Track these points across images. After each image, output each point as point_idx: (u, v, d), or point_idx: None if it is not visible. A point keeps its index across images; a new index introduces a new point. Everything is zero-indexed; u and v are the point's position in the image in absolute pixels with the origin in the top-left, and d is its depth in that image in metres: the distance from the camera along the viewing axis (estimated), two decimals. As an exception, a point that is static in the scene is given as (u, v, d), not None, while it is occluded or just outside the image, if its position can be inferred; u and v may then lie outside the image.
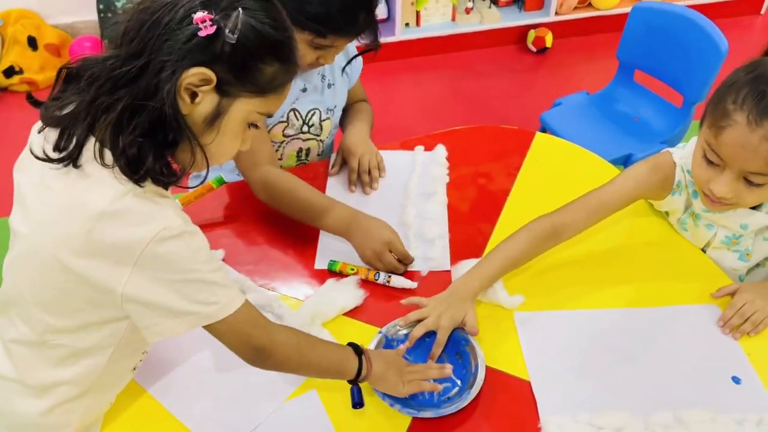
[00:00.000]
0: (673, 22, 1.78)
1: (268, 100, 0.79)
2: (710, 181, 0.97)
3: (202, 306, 0.77)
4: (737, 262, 1.11)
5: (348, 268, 1.11)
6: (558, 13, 2.97)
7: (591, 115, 2.01)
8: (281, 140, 1.33)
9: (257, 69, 0.76)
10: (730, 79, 0.95)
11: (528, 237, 1.08)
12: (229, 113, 0.77)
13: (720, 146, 0.93)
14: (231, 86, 0.75)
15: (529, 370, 0.97)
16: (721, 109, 0.93)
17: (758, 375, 0.95)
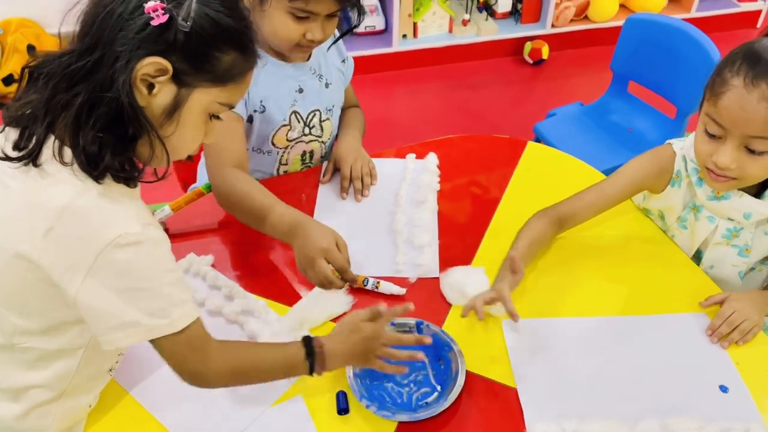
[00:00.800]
0: (666, 34, 1.80)
1: (227, 89, 0.78)
2: (713, 154, 0.99)
3: (152, 318, 0.75)
4: (737, 258, 1.11)
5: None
6: (554, 26, 2.99)
7: (585, 126, 2.02)
8: (286, 145, 1.33)
9: (214, 58, 0.75)
10: (726, 57, 0.98)
11: (539, 223, 1.12)
12: (188, 104, 0.76)
13: (720, 112, 0.95)
14: (188, 76, 0.74)
15: (515, 377, 0.96)
16: (719, 80, 0.96)
17: (746, 384, 0.95)
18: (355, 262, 1.14)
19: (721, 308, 1.03)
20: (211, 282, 1.11)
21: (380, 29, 2.91)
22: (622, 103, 2.03)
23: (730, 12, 3.15)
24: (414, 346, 0.95)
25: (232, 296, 1.09)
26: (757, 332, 1.01)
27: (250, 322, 1.04)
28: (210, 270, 1.13)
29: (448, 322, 1.05)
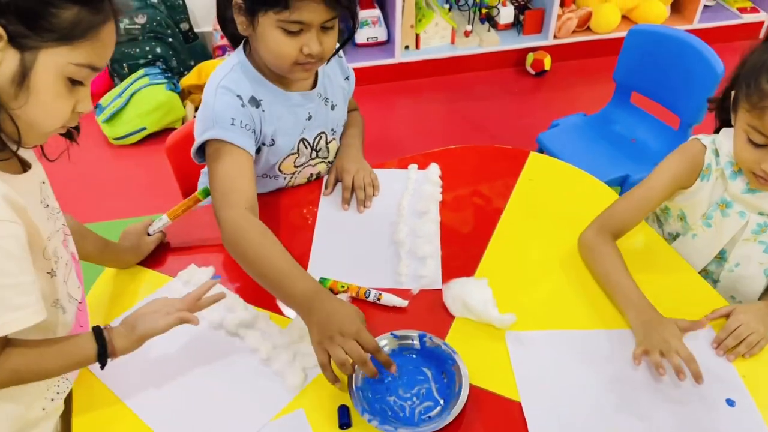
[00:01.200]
0: (668, 44, 1.80)
1: (79, 48, 0.73)
2: (761, 161, 0.99)
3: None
4: (763, 255, 1.10)
5: (339, 285, 1.10)
6: (557, 37, 3.00)
7: (588, 137, 2.02)
8: (293, 171, 1.31)
9: (50, 14, 0.70)
10: (757, 61, 0.98)
11: (614, 248, 1.11)
12: (36, 69, 0.71)
13: (766, 124, 0.96)
14: (26, 38, 0.69)
15: (520, 391, 0.95)
16: (757, 90, 0.96)
17: (753, 398, 0.93)
18: (356, 274, 1.13)
19: (727, 321, 1.01)
20: (212, 294, 1.10)
21: (383, 40, 2.92)
22: (625, 113, 2.02)
23: (732, 23, 3.16)
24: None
25: (233, 308, 1.08)
26: (764, 345, 0.99)
27: (251, 334, 1.03)
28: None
29: (451, 334, 1.03)
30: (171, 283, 1.13)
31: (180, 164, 1.51)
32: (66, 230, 0.94)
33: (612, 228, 1.14)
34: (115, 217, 2.24)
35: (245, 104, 1.15)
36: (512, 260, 1.17)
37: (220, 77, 1.16)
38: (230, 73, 1.17)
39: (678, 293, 1.10)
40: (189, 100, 2.73)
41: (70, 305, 0.92)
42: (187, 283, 1.12)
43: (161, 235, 1.20)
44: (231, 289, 1.11)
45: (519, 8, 3.01)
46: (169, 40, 2.75)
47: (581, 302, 1.09)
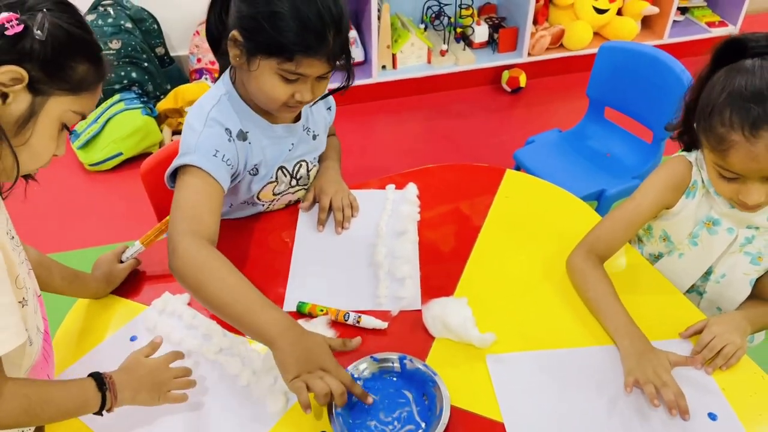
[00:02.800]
0: (638, 60, 1.83)
1: (81, 99, 0.81)
2: (738, 193, 0.99)
3: None
4: (749, 266, 1.10)
5: (317, 309, 1.09)
6: (531, 54, 3.04)
7: (563, 152, 2.04)
8: (272, 199, 1.30)
9: (69, 67, 0.78)
10: (705, 103, 0.98)
11: (601, 272, 1.11)
12: (42, 112, 0.78)
13: (732, 165, 0.96)
14: (43, 84, 0.76)
15: (502, 411, 0.94)
16: (714, 135, 0.96)
17: (734, 410, 0.94)
18: (335, 296, 1.12)
19: (701, 335, 1.01)
20: (188, 321, 1.09)
21: (360, 61, 2.93)
22: (599, 128, 2.05)
23: (701, 37, 3.23)
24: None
25: (210, 335, 1.06)
26: (741, 355, 0.99)
27: (230, 361, 1.02)
28: (186, 309, 1.11)
29: (432, 355, 1.03)
30: (146, 312, 1.11)
31: (156, 189, 1.49)
32: (28, 264, 0.94)
33: (600, 250, 1.13)
34: (92, 244, 2.21)
35: (232, 138, 1.14)
36: (491, 278, 1.16)
37: (209, 107, 1.14)
38: (218, 105, 1.15)
39: (661, 313, 1.10)
40: (166, 124, 2.71)
41: (37, 337, 0.91)
42: (162, 311, 1.10)
43: (134, 262, 1.18)
44: (207, 315, 1.09)
45: (493, 27, 3.05)
46: (145, 65, 2.74)
47: (560, 320, 1.09)
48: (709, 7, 3.38)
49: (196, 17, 2.89)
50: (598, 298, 1.08)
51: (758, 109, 0.90)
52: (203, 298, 0.97)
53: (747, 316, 1.06)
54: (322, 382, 0.88)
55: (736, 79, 0.94)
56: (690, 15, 3.35)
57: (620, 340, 1.02)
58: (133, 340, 1.07)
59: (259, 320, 0.92)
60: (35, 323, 0.91)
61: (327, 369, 0.90)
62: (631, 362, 0.98)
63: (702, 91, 1.00)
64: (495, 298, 1.13)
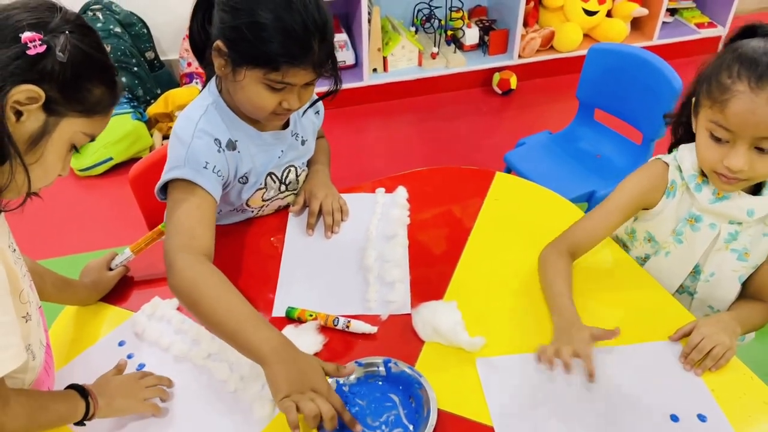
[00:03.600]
0: (627, 62, 1.83)
1: (94, 121, 0.82)
2: (723, 158, 1.00)
3: None
4: (736, 263, 1.11)
5: (307, 314, 1.09)
6: (521, 56, 3.04)
7: (554, 154, 2.04)
8: (261, 205, 1.30)
9: (86, 89, 0.79)
10: (714, 63, 1.01)
11: (565, 264, 1.12)
12: (55, 133, 0.78)
13: (729, 118, 0.97)
14: (59, 105, 0.77)
15: (492, 415, 0.94)
16: (718, 86, 0.98)
17: (723, 412, 0.94)
18: (325, 301, 1.12)
19: (690, 337, 1.02)
20: (177, 326, 1.08)
21: (351, 64, 2.93)
22: (590, 130, 2.05)
23: (690, 39, 3.24)
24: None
25: (198, 340, 1.05)
26: (730, 357, 1.00)
27: (218, 366, 1.01)
28: (175, 314, 1.10)
29: (422, 359, 1.02)
30: (135, 317, 1.10)
31: (145, 194, 1.48)
32: (29, 277, 0.94)
33: (571, 247, 1.15)
34: (81, 250, 2.19)
35: (222, 149, 1.13)
36: (481, 281, 1.16)
37: (197, 118, 1.13)
38: (206, 115, 1.13)
39: (650, 315, 1.10)
40: (156, 128, 2.70)
41: (39, 351, 0.92)
42: (150, 316, 1.10)
43: (123, 269, 1.17)
44: (195, 320, 1.08)
45: (484, 29, 3.06)
46: (135, 69, 2.73)
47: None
48: (698, 8, 3.40)
49: (185, 21, 2.86)
50: (550, 283, 1.10)
51: (766, 63, 0.94)
52: (199, 315, 0.97)
53: (736, 317, 1.07)
54: (313, 403, 0.85)
55: (748, 44, 0.98)
56: (679, 16, 3.37)
57: (554, 317, 1.05)
58: (122, 345, 1.06)
59: (251, 338, 0.91)
60: (38, 337, 0.91)
61: (319, 391, 0.87)
62: (556, 335, 1.01)
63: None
64: (485, 301, 1.12)
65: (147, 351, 1.05)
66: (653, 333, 1.06)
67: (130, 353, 1.05)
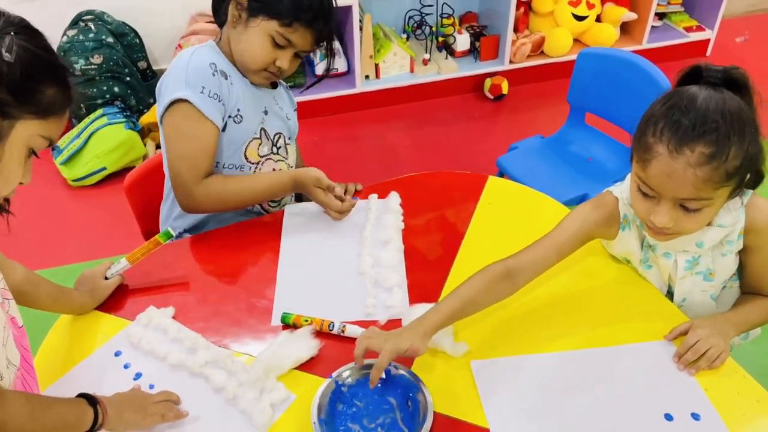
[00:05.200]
0: (617, 66, 1.85)
1: (49, 123, 0.80)
2: (650, 213, 0.99)
3: None
4: (704, 283, 1.11)
5: (302, 320, 1.09)
6: (512, 62, 3.06)
7: (546, 158, 2.05)
8: (258, 160, 1.36)
9: (38, 91, 0.77)
10: (648, 113, 0.99)
11: (482, 279, 1.06)
12: (10, 137, 0.76)
13: (649, 178, 0.96)
14: (11, 107, 0.75)
15: (488, 417, 0.94)
16: (643, 143, 0.96)
17: (717, 411, 0.94)
18: (324, 308, 1.12)
19: (686, 338, 1.02)
20: (173, 335, 1.08)
21: (343, 71, 2.94)
22: (581, 134, 2.07)
23: (679, 42, 3.28)
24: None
25: (195, 348, 1.05)
26: (725, 358, 1.00)
27: (216, 374, 1.01)
28: (172, 322, 1.10)
29: (418, 362, 1.03)
30: (130, 327, 1.10)
31: (140, 203, 1.49)
32: (6, 294, 0.93)
33: (510, 268, 1.07)
34: (76, 260, 2.19)
35: (216, 72, 1.24)
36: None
37: (192, 50, 1.27)
38: (201, 48, 1.28)
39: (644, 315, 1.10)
40: (149, 138, 2.70)
41: (8, 371, 0.90)
42: (146, 326, 1.10)
43: (119, 279, 1.17)
44: (193, 329, 1.09)
45: (474, 35, 3.08)
46: (127, 79, 2.73)
47: (544, 325, 1.09)
48: (686, 12, 3.43)
49: (177, 31, 2.89)
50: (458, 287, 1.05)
51: (687, 127, 0.91)
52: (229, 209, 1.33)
53: (730, 318, 1.07)
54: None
55: (684, 94, 0.95)
56: (668, 20, 3.40)
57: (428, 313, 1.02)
58: (118, 355, 1.06)
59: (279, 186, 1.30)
60: (5, 355, 0.89)
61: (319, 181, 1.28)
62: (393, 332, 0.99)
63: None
64: (480, 304, 1.13)
65: (143, 360, 1.05)
66: (647, 333, 1.06)
67: (127, 363, 1.05)
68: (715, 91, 0.94)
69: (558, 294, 1.15)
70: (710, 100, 0.92)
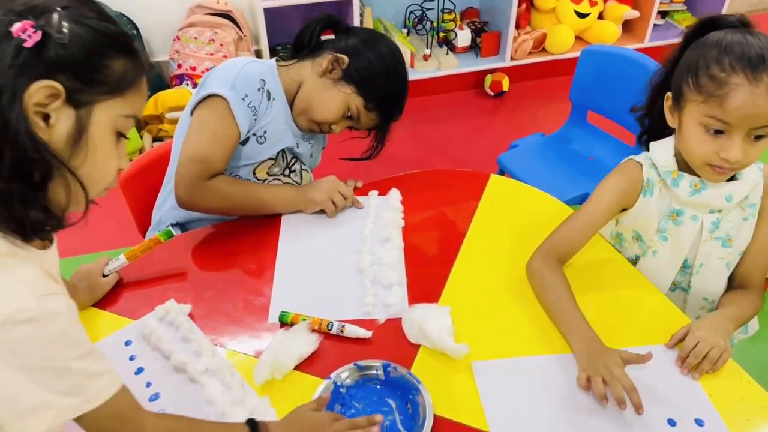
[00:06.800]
0: (620, 63, 1.83)
1: (127, 98, 0.72)
2: (720, 149, 1.01)
3: (63, 397, 0.67)
4: (721, 250, 1.12)
5: (300, 318, 1.08)
6: (513, 58, 3.05)
7: (547, 156, 2.04)
8: (264, 178, 1.35)
9: (103, 66, 0.69)
10: (696, 56, 1.02)
11: (560, 273, 1.11)
12: (92, 125, 0.69)
13: (728, 111, 0.97)
14: (83, 93, 0.67)
15: (488, 420, 0.93)
16: (712, 80, 0.98)
17: (721, 416, 0.93)
18: (322, 306, 1.11)
19: (684, 341, 1.01)
20: (184, 334, 1.05)
21: (342, 66, 2.92)
22: (582, 132, 2.05)
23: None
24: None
25: (200, 352, 1.03)
26: (726, 358, 0.99)
27: (212, 384, 0.98)
28: (185, 320, 1.08)
29: (417, 363, 1.01)
30: (146, 318, 1.08)
31: (136, 197, 1.47)
32: None
33: (558, 254, 1.14)
34: (71, 254, 2.17)
35: (262, 89, 1.26)
36: (476, 284, 1.16)
37: (250, 59, 1.29)
38: (261, 62, 1.30)
39: (645, 318, 1.09)
40: (146, 130, 2.68)
41: None
42: (162, 319, 1.08)
43: (117, 276, 1.15)
44: (201, 328, 1.07)
45: (476, 31, 3.06)
46: (125, 71, 2.70)
47: (546, 326, 1.08)
48: (688, 10, 3.42)
49: (175, 23, 2.86)
50: (555, 302, 1.08)
51: (758, 56, 0.95)
52: (229, 212, 1.31)
53: (727, 315, 1.07)
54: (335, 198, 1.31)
55: (727, 37, 0.99)
56: (670, 19, 3.39)
57: (574, 343, 1.02)
58: (128, 345, 1.05)
59: (272, 203, 1.31)
60: None
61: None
62: (583, 361, 0.98)
63: (674, 68, 1.06)
64: (480, 303, 1.12)
65: (149, 356, 1.03)
66: (649, 337, 1.05)
67: (133, 354, 1.03)
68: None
69: (560, 295, 1.13)
70: (756, 36, 0.99)
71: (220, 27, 2.78)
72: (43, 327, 0.64)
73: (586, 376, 0.95)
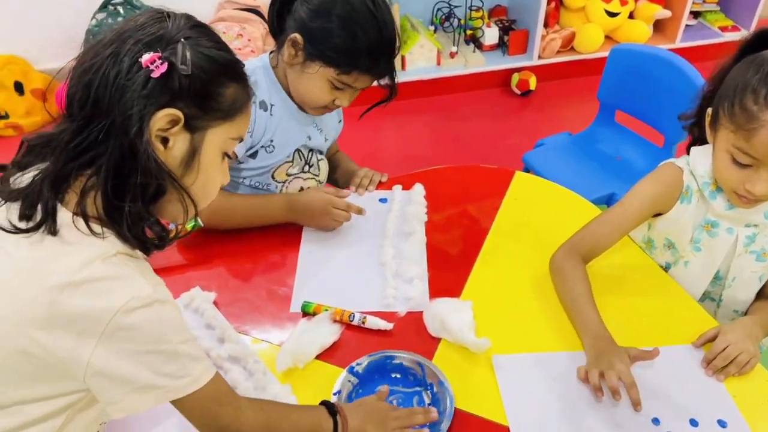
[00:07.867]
0: (650, 63, 1.81)
1: (235, 123, 0.77)
2: (746, 181, 0.98)
3: (169, 379, 0.72)
4: (755, 264, 1.09)
5: (322, 308, 1.09)
6: (541, 57, 3.02)
7: (573, 155, 2.02)
8: (284, 179, 1.34)
9: (218, 94, 0.74)
10: (739, 81, 0.97)
11: (580, 269, 1.10)
12: (204, 147, 0.75)
13: (756, 147, 0.95)
14: (198, 119, 0.73)
15: (508, 415, 0.93)
16: (744, 112, 0.95)
17: (744, 417, 0.92)
18: (343, 297, 1.12)
19: (714, 343, 1.00)
20: (208, 321, 1.07)
21: (368, 62, 2.92)
22: (610, 132, 2.03)
23: (713, 42, 3.20)
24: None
25: (223, 339, 1.04)
26: (755, 364, 0.98)
27: (234, 370, 0.99)
28: (210, 307, 1.09)
29: (437, 356, 1.02)
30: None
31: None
32: None
33: (583, 251, 1.12)
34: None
35: (254, 104, 1.20)
36: (498, 280, 1.15)
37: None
38: (252, 68, 1.20)
39: (672, 319, 1.08)
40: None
41: None
42: (187, 306, 1.10)
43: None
44: (225, 316, 1.08)
45: (503, 29, 3.04)
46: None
47: (568, 323, 1.07)
48: (722, 11, 3.35)
49: (205, 17, 2.90)
50: (572, 298, 1.07)
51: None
52: (233, 226, 1.26)
53: (758, 322, 1.05)
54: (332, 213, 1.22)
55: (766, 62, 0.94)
56: (702, 19, 3.33)
57: (585, 340, 1.01)
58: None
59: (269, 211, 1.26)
60: None
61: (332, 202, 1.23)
62: (591, 358, 0.97)
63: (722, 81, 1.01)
64: (502, 299, 1.12)
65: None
66: (674, 336, 1.04)
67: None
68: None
69: (583, 293, 1.12)
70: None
71: (248, 22, 2.81)
72: (158, 310, 0.70)
73: (585, 369, 0.95)
